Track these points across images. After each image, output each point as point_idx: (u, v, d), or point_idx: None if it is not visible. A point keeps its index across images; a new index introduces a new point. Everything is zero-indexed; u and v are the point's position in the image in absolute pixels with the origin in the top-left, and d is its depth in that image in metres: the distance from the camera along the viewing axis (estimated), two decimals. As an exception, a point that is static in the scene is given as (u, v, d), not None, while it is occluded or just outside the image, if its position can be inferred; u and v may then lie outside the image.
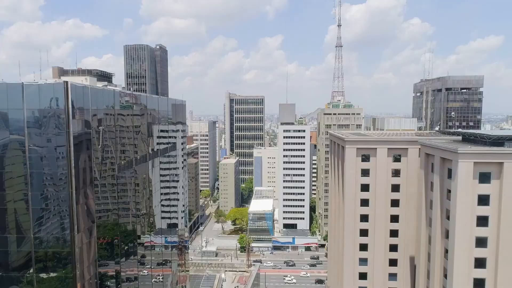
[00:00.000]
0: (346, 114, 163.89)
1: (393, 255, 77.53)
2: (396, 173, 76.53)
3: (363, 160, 76.97)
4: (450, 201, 56.49)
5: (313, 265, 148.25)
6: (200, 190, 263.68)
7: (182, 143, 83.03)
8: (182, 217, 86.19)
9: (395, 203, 76.57)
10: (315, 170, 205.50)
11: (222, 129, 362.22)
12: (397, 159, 76.53)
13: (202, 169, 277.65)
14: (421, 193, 67.19)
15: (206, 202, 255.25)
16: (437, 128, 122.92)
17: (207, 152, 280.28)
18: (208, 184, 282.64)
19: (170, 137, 73.29)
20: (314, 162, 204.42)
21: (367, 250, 78.12)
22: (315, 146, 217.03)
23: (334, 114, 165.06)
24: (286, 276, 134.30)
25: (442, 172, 59.51)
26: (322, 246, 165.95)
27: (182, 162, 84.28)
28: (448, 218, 57.79)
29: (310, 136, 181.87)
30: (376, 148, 75.72)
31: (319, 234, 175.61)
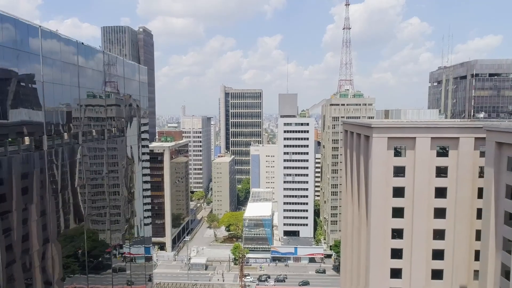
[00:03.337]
0: (356, 104, 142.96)
1: (437, 285, 57.31)
2: (441, 172, 56.11)
3: (396, 155, 56.57)
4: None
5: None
6: (193, 192, 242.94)
7: (137, 126, 59.53)
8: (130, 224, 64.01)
9: (440, 213, 56.52)
10: (318, 170, 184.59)
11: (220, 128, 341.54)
12: (442, 153, 56.06)
13: (195, 169, 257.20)
14: (489, 201, 46.16)
15: (199, 204, 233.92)
16: (481, 115, 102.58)
17: (200, 150, 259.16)
18: (202, 185, 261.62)
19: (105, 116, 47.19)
20: (317, 160, 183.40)
21: (401, 278, 57.94)
22: (319, 143, 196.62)
23: (343, 104, 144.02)
24: None
25: (533, 171, 38.57)
26: (329, 256, 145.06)
27: (139, 154, 61.46)
28: (546, 241, 36.93)
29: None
30: (414, 138, 55.25)
31: (325, 243, 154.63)
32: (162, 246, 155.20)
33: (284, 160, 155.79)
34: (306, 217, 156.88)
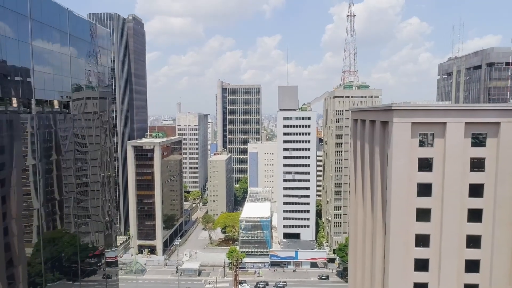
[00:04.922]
0: (362, 97, 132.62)
1: (471, 303, 46.99)
2: (477, 165, 46.09)
3: (421, 144, 46.40)
4: None
5: None
6: (188, 191, 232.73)
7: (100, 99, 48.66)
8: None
9: (475, 215, 46.64)
10: (320, 168, 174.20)
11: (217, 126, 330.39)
12: (478, 142, 45.91)
13: (191, 167, 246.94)
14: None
15: (194, 205, 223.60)
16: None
17: (196, 148, 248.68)
18: (198, 185, 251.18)
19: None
20: (319, 158, 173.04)
21: (427, 294, 47.44)
22: (320, 140, 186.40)
23: (347, 97, 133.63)
24: None
25: None
26: (332, 260, 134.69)
27: (96, 140, 50.36)
28: None
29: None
30: (444, 123, 45.04)
31: (327, 246, 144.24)
32: (152, 250, 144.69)
33: (284, 157, 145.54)
34: (308, 219, 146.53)
